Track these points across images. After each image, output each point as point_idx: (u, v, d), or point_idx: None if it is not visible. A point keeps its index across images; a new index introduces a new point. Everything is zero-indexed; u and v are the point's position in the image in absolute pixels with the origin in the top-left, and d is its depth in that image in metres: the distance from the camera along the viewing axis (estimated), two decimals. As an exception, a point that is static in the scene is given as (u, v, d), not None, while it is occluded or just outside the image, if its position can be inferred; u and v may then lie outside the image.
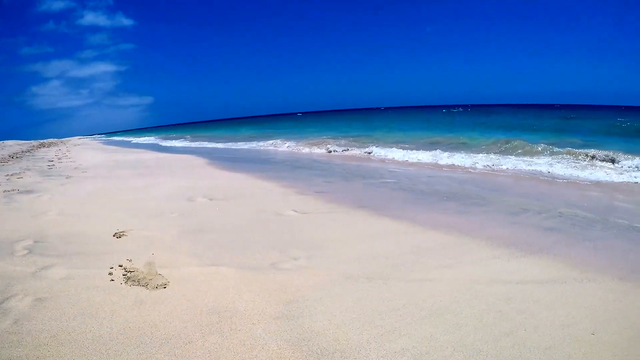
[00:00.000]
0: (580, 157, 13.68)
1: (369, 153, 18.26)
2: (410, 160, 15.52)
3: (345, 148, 20.63)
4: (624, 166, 12.15)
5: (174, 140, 43.40)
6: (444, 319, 3.45)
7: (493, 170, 12.89)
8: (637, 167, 11.75)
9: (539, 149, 15.63)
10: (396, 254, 4.99)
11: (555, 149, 15.15)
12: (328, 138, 26.92)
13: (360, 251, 5.11)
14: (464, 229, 6.07)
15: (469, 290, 4.00)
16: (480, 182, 10.61)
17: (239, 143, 31.59)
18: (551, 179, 11.27)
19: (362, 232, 5.98)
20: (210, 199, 8.21)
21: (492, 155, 15.29)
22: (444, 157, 15.13)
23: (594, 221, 6.66)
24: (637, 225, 6.48)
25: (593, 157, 13.25)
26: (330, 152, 20.19)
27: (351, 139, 25.51)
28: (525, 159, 14.41)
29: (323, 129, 40.50)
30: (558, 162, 13.09)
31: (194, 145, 33.49)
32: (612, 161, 12.76)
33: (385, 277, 4.31)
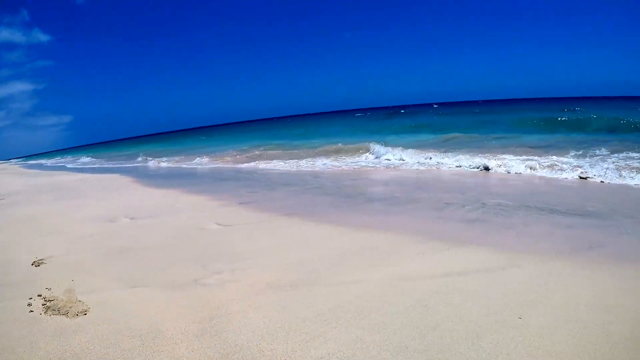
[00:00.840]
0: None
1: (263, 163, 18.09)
2: (305, 168, 15.37)
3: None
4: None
5: (94, 160, 41.81)
6: (369, 320, 3.38)
7: (404, 169, 13.17)
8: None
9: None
10: (322, 259, 4.93)
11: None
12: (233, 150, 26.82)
13: (285, 259, 5.01)
14: (390, 227, 6.07)
15: (395, 288, 3.95)
16: (403, 181, 10.75)
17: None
18: (472, 173, 11.58)
19: (287, 239, 5.89)
20: (132, 219, 7.88)
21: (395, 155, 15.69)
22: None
23: (516, 208, 6.86)
24: (557, 207, 6.72)
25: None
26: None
27: (261, 148, 25.51)
28: (434, 156, 14.57)
29: (231, 141, 39.47)
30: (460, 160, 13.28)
31: (112, 165, 32.07)
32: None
33: (311, 283, 4.22)
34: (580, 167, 10.29)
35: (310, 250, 5.30)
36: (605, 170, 9.76)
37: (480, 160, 12.17)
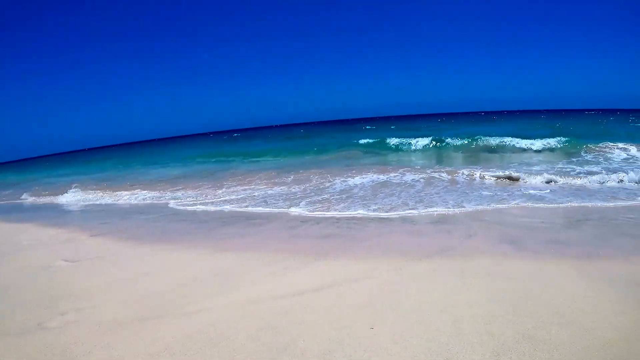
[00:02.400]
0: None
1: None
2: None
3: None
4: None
5: None
6: (219, 348, 3.17)
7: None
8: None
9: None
10: (172, 288, 4.65)
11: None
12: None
13: (134, 292, 4.66)
14: (244, 249, 5.93)
15: (245, 312, 3.79)
16: (259, 204, 10.08)
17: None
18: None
19: (137, 271, 5.48)
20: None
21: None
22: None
23: (369, 220, 7.07)
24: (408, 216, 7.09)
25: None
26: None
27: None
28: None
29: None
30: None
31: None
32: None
33: (160, 315, 3.91)
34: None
35: (161, 280, 5.01)
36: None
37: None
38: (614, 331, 3.14)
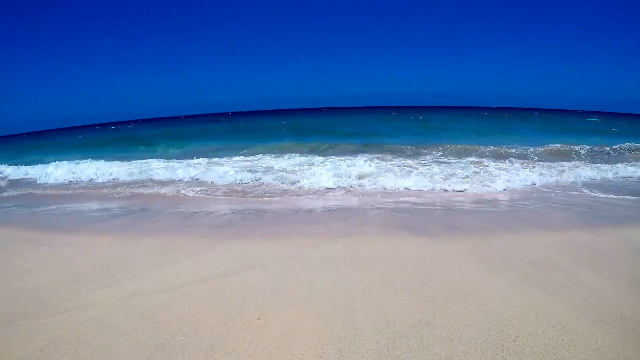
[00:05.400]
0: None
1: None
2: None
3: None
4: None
5: None
6: (92, 348, 2.90)
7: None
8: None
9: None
10: (47, 285, 4.19)
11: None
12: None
13: (9, 291, 4.13)
14: (128, 242, 5.53)
15: (124, 307, 3.51)
16: (149, 200, 9.09)
17: None
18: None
19: (19, 267, 4.85)
20: None
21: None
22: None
23: (264, 212, 6.97)
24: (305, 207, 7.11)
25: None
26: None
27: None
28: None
29: None
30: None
31: None
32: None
33: (31, 314, 3.52)
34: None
35: (40, 275, 4.52)
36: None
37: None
38: (512, 311, 3.20)
